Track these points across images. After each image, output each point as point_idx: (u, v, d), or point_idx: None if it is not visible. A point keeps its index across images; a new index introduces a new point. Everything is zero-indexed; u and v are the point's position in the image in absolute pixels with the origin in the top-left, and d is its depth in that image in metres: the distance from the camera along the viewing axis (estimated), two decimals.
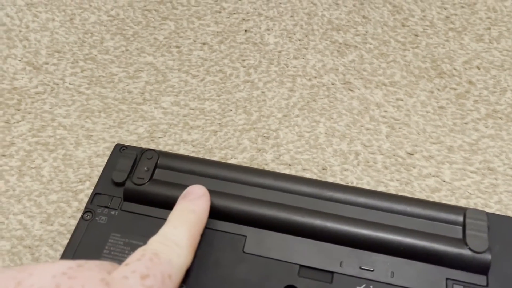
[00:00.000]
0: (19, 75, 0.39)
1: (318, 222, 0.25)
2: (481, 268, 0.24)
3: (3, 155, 0.34)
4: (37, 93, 0.38)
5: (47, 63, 0.40)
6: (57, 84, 0.39)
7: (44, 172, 0.33)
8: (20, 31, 0.42)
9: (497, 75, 0.38)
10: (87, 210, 0.26)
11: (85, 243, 0.25)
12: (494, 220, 0.25)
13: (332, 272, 0.24)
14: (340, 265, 0.24)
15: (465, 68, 0.39)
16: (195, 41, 0.42)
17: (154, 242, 0.21)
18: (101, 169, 0.31)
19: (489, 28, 0.41)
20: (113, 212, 0.26)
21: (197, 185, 0.25)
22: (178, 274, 0.20)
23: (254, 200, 0.26)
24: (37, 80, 0.39)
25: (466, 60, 0.39)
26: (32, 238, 0.30)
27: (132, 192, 0.27)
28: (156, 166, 0.28)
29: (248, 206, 0.26)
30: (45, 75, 0.39)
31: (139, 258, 0.19)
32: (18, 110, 0.37)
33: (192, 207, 0.24)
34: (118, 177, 0.27)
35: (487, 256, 0.24)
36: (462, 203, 0.30)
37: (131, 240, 0.25)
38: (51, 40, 0.42)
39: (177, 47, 0.41)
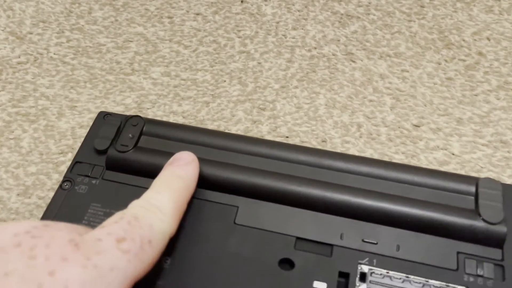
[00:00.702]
0: (1, 45, 0.37)
1: (316, 191, 0.23)
2: (496, 241, 0.21)
3: None
4: (19, 63, 0.36)
5: (31, 33, 0.38)
6: (41, 54, 0.36)
7: (24, 143, 0.31)
8: (5, 1, 0.40)
9: (508, 47, 0.36)
10: (66, 179, 0.24)
11: (63, 214, 0.23)
12: (509, 191, 0.23)
13: (331, 245, 0.22)
14: (341, 238, 0.22)
15: (475, 39, 0.36)
16: (188, 11, 0.39)
17: (135, 206, 0.19)
18: None
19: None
20: (94, 181, 0.24)
21: (185, 151, 0.23)
22: (159, 240, 0.18)
23: (247, 168, 0.24)
24: (20, 50, 0.37)
25: (475, 31, 0.37)
26: (8, 211, 0.28)
27: (115, 159, 0.24)
28: (141, 133, 0.25)
29: (240, 174, 0.24)
30: (29, 45, 0.37)
31: (116, 221, 0.17)
32: None
33: (179, 173, 0.21)
34: (101, 145, 0.25)
35: (503, 228, 0.21)
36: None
37: (112, 210, 0.23)
38: (36, 10, 0.40)
39: (169, 17, 0.39)
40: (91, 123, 0.32)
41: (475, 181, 0.23)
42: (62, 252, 0.15)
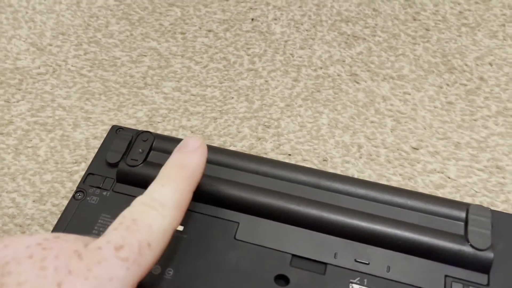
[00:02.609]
0: (22, 56, 0.39)
1: (313, 211, 0.24)
2: (483, 266, 0.22)
3: (1, 133, 0.34)
4: (39, 73, 0.38)
5: (51, 45, 0.40)
6: (60, 66, 0.38)
7: (41, 152, 0.33)
8: (27, 13, 0.42)
9: (510, 72, 0.37)
10: (79, 189, 0.26)
11: (75, 223, 0.25)
12: (498, 218, 0.24)
13: (325, 263, 0.23)
14: (334, 257, 0.23)
15: (477, 64, 0.37)
16: (200, 28, 0.41)
17: (138, 203, 0.19)
18: None
19: (504, 25, 0.40)
20: (105, 193, 0.26)
21: (193, 136, 0.23)
22: (159, 240, 0.18)
23: (249, 186, 0.25)
24: (39, 61, 0.38)
25: (478, 56, 0.38)
26: (24, 217, 0.30)
27: (125, 173, 0.26)
28: (151, 148, 0.27)
29: (242, 192, 0.25)
30: (48, 56, 0.39)
31: (116, 227, 0.18)
32: (19, 89, 0.36)
33: (183, 162, 0.21)
34: (112, 158, 0.27)
35: (489, 254, 0.22)
36: (467, 201, 0.29)
37: None
38: (56, 22, 0.42)
39: (182, 33, 0.40)
40: (104, 135, 0.34)
41: (465, 207, 0.24)
42: (68, 264, 0.16)
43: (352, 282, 0.22)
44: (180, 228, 0.24)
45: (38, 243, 0.17)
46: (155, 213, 0.19)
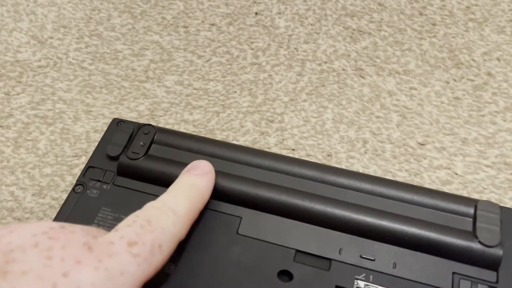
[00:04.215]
0: (23, 48, 0.38)
1: (318, 206, 0.24)
2: (491, 263, 0.22)
3: (0, 126, 0.33)
4: (39, 66, 0.37)
5: (52, 38, 0.39)
6: (60, 59, 0.38)
7: (40, 145, 0.32)
8: (28, 5, 0.42)
9: None
10: (78, 183, 0.25)
11: (74, 216, 0.24)
12: (507, 214, 0.24)
13: (330, 259, 0.22)
14: (339, 253, 0.23)
15: (485, 60, 0.37)
16: (203, 21, 0.40)
17: (151, 207, 0.20)
18: None
19: None
20: (105, 186, 0.25)
21: (204, 160, 0.24)
22: (169, 244, 0.19)
23: (252, 180, 0.25)
24: (40, 54, 0.38)
25: (485, 52, 0.37)
26: (23, 210, 0.29)
27: (126, 166, 0.25)
28: (152, 142, 0.26)
29: (245, 186, 0.24)
30: (49, 49, 0.38)
31: (129, 224, 0.18)
32: (19, 82, 0.36)
33: (195, 182, 0.22)
34: (113, 151, 0.26)
35: (498, 251, 0.22)
36: (474, 197, 0.29)
37: (121, 215, 0.24)
38: (58, 15, 0.41)
39: (184, 27, 0.40)
40: (105, 128, 0.33)
41: (474, 203, 0.23)
42: (77, 255, 0.16)
43: (357, 279, 0.22)
44: None
45: (44, 232, 0.16)
46: (167, 218, 0.19)
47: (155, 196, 0.24)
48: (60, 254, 0.16)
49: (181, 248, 0.22)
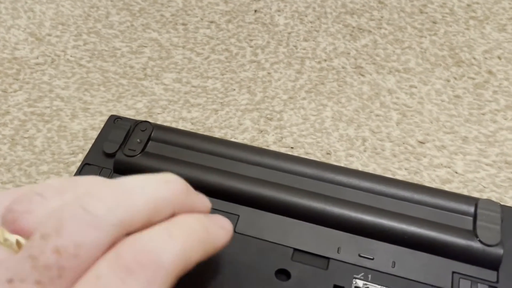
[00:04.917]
0: (20, 45, 0.38)
1: (316, 204, 0.23)
2: (492, 263, 0.22)
3: None
4: (37, 63, 0.37)
5: (50, 35, 0.39)
6: (58, 56, 0.37)
7: (37, 142, 0.32)
8: (26, 2, 0.42)
9: None
10: None
11: None
12: (508, 213, 0.23)
13: (328, 258, 0.22)
14: (338, 251, 0.22)
15: (485, 58, 0.36)
16: (202, 19, 0.40)
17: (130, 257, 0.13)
18: None
19: None
20: None
21: (224, 217, 0.18)
22: None
23: (249, 178, 0.24)
24: (38, 51, 0.38)
25: (486, 50, 0.37)
26: None
27: (123, 163, 0.25)
28: (149, 139, 0.26)
29: (243, 184, 0.24)
30: (47, 47, 0.38)
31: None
32: (17, 79, 0.36)
33: (208, 227, 0.16)
34: (109, 148, 0.26)
35: (499, 250, 0.22)
36: (475, 196, 0.28)
37: None
38: (56, 12, 0.41)
39: (183, 24, 0.40)
40: (102, 126, 0.33)
41: (474, 201, 0.23)
42: None
43: (356, 278, 0.21)
44: None
45: None
46: (144, 275, 0.13)
47: None
48: None
49: None
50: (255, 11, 0.40)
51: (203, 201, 0.17)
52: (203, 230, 0.15)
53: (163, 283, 0.13)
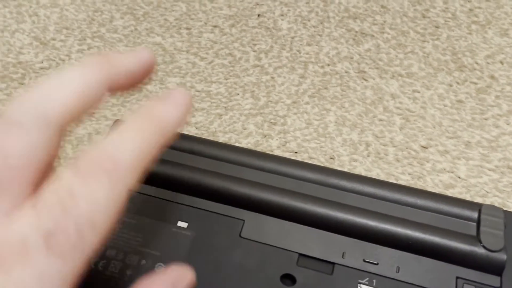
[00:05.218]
0: (25, 50, 0.38)
1: (321, 210, 0.24)
2: (495, 268, 0.22)
3: None
4: (42, 68, 0.37)
5: (54, 39, 0.39)
6: (63, 60, 0.38)
7: None
8: (30, 7, 0.42)
9: None
10: None
11: None
12: (511, 218, 0.23)
13: (333, 263, 0.22)
14: (342, 256, 0.22)
15: (488, 63, 0.37)
16: (206, 23, 0.40)
17: (82, 160, 0.14)
18: None
19: None
20: None
21: (179, 90, 0.16)
22: (107, 214, 0.13)
23: (254, 183, 0.25)
24: (43, 55, 0.38)
25: (488, 55, 0.37)
26: None
27: None
28: None
29: (247, 189, 0.24)
30: (52, 51, 0.38)
31: (48, 205, 0.13)
32: (22, 84, 0.36)
33: (160, 116, 0.15)
34: None
35: (502, 256, 0.22)
36: (478, 201, 0.29)
37: (123, 217, 0.24)
38: (60, 16, 0.41)
39: (187, 28, 0.40)
40: (107, 130, 0.33)
41: (478, 207, 0.23)
42: None
43: (360, 283, 0.22)
44: (184, 225, 0.23)
45: None
46: (103, 176, 0.13)
47: (155, 197, 0.24)
48: None
49: (183, 251, 0.22)
50: (259, 15, 0.41)
51: (133, 57, 0.16)
52: (153, 123, 0.15)
53: (126, 179, 0.13)
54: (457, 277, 0.22)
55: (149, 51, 0.17)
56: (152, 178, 0.25)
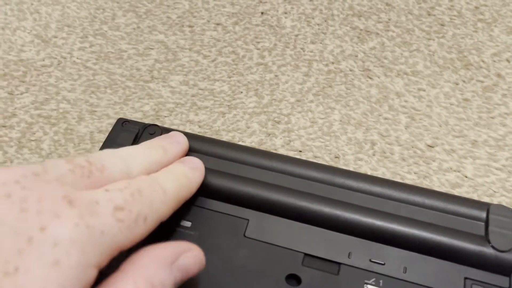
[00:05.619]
0: (26, 47, 0.38)
1: (327, 209, 0.23)
2: (504, 269, 0.21)
3: (4, 126, 0.33)
4: (43, 66, 0.37)
5: (56, 37, 0.39)
6: (65, 58, 0.37)
7: (44, 145, 0.32)
8: (32, 4, 0.41)
9: None
10: None
11: None
12: None
13: (339, 263, 0.22)
14: (349, 256, 0.22)
15: (494, 61, 0.36)
16: (209, 21, 0.40)
17: (143, 180, 0.19)
18: None
19: None
20: None
21: (196, 158, 0.23)
22: (154, 219, 0.18)
23: (259, 182, 0.24)
24: (44, 53, 0.38)
25: (495, 53, 0.37)
26: None
27: None
28: None
29: (251, 188, 0.24)
30: (53, 49, 0.38)
31: (121, 189, 0.17)
32: (23, 82, 0.36)
33: (187, 173, 0.22)
34: None
35: (511, 256, 0.21)
36: (485, 200, 0.28)
37: None
38: (62, 14, 0.41)
39: (190, 26, 0.40)
40: (109, 129, 0.33)
41: (486, 206, 0.23)
42: (55, 209, 0.15)
43: (367, 283, 0.21)
44: (188, 224, 0.23)
45: (16, 181, 0.15)
46: (157, 194, 0.19)
47: None
48: (36, 207, 0.15)
49: None
50: (262, 13, 0.40)
51: (178, 149, 0.23)
52: (184, 176, 0.21)
53: (169, 205, 0.19)
54: (465, 278, 0.21)
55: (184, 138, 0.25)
56: None
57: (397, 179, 0.29)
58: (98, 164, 0.18)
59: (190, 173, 0.22)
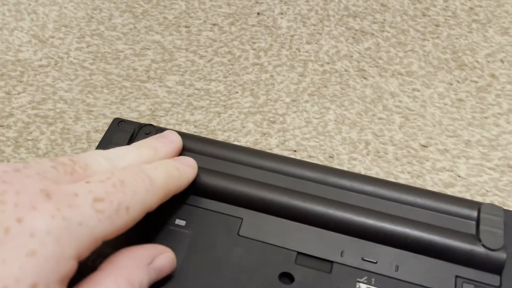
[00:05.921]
0: (24, 47, 0.38)
1: (319, 208, 0.23)
2: (495, 267, 0.22)
3: (1, 126, 0.33)
4: (40, 66, 0.37)
5: (53, 37, 0.39)
6: (62, 58, 0.38)
7: (41, 145, 0.32)
8: (29, 4, 0.42)
9: None
10: None
11: None
12: (511, 217, 0.23)
13: (331, 262, 0.22)
14: (341, 255, 0.22)
15: (488, 61, 0.36)
16: (205, 21, 0.40)
17: (127, 170, 0.19)
18: None
19: None
20: None
21: (189, 157, 0.24)
22: (138, 209, 0.18)
23: (253, 181, 0.25)
24: (41, 53, 0.38)
25: (489, 53, 0.37)
26: None
27: None
28: None
29: (246, 187, 0.24)
30: (50, 49, 0.38)
31: (102, 180, 0.17)
32: (20, 81, 0.36)
33: (179, 167, 0.22)
34: None
35: (502, 254, 0.22)
36: (477, 200, 0.28)
37: None
38: (59, 14, 0.41)
39: (186, 27, 0.40)
40: (106, 128, 0.33)
41: (477, 206, 0.23)
42: (32, 201, 0.15)
43: (359, 281, 0.22)
44: (182, 223, 0.23)
45: None
46: (142, 183, 0.19)
47: None
48: (13, 199, 0.15)
49: (181, 249, 0.22)
50: (258, 13, 0.41)
51: (170, 147, 0.24)
52: (175, 169, 0.21)
53: (155, 194, 0.19)
54: (457, 276, 0.22)
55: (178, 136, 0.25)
56: None
57: (391, 178, 0.30)
58: (81, 162, 0.18)
59: (183, 168, 0.22)
